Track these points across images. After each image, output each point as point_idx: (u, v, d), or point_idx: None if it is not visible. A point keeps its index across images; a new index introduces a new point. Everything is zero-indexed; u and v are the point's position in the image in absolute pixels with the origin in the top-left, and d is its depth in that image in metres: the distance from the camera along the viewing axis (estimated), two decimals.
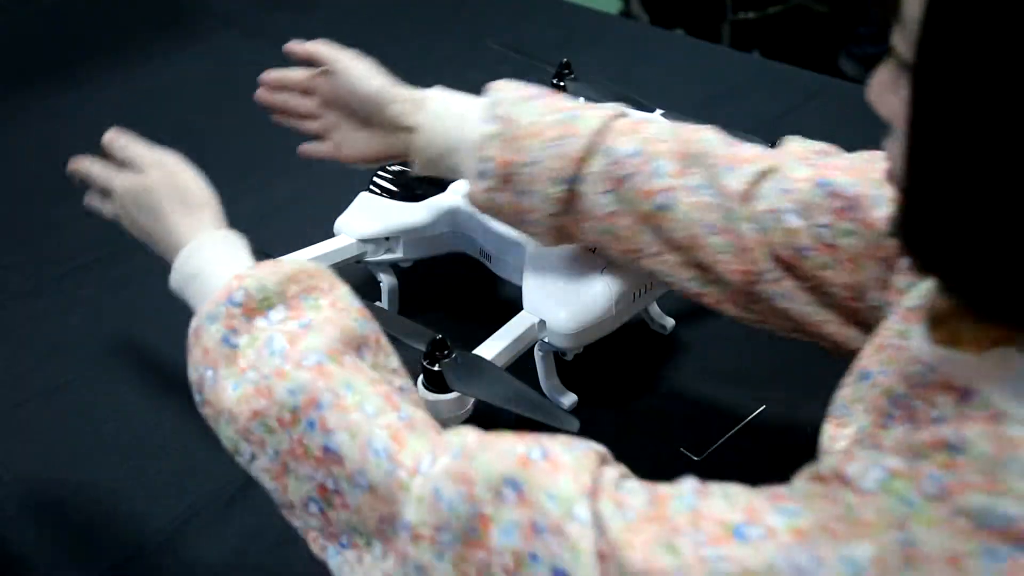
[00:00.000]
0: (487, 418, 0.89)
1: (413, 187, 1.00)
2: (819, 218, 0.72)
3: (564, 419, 0.73)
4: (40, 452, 0.91)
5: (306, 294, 0.65)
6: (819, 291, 0.73)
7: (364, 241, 0.98)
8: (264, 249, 0.91)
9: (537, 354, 0.90)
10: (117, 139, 0.80)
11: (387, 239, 0.98)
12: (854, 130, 1.32)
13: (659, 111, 1.14)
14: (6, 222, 1.22)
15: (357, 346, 0.64)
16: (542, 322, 0.86)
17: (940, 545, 0.43)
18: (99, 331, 1.04)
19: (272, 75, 0.91)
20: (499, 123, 0.80)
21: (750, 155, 0.77)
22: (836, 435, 0.64)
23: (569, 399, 0.92)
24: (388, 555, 0.58)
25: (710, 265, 0.75)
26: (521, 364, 0.86)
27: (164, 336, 1.03)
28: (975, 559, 0.42)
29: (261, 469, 0.64)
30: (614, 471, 0.54)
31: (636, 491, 0.52)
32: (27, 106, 1.44)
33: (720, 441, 0.88)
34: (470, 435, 0.58)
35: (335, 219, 0.99)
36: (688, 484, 0.52)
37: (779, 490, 0.50)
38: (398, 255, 0.99)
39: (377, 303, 1.01)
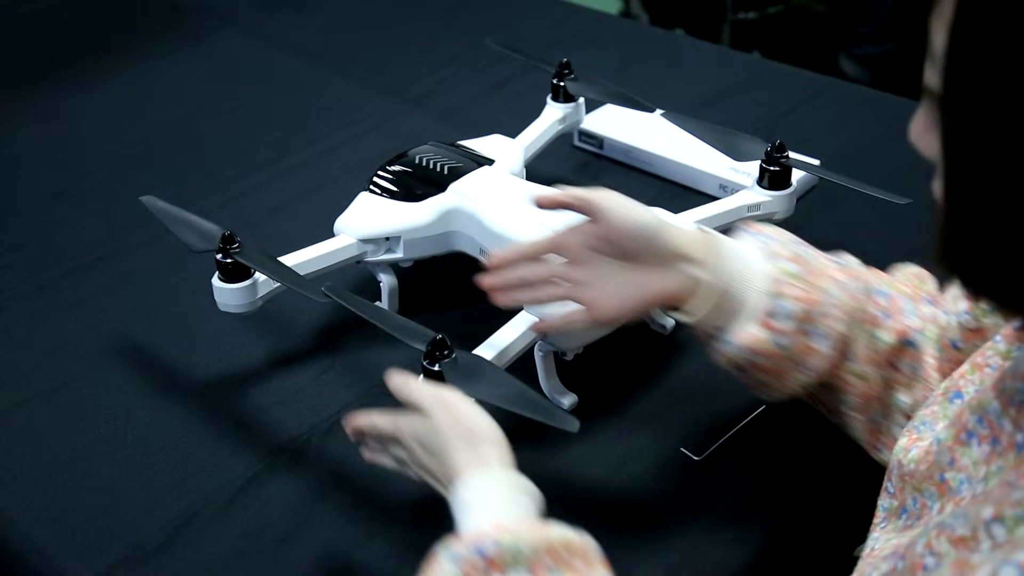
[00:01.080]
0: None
1: (413, 187, 1.00)
2: None
3: (564, 419, 0.73)
4: (40, 452, 0.91)
5: (556, 569, 0.61)
6: None
7: (364, 241, 0.98)
8: (264, 249, 0.91)
9: (537, 354, 0.90)
10: (396, 382, 0.75)
11: (387, 239, 0.98)
12: (854, 130, 1.33)
13: (659, 111, 1.14)
14: (6, 222, 1.22)
15: None
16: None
17: None
18: (99, 331, 1.04)
19: (502, 254, 0.81)
20: (796, 262, 0.74)
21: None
22: (909, 446, 0.64)
23: (569, 399, 0.92)
24: None
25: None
26: (521, 364, 0.86)
27: (164, 336, 1.03)
28: None
29: None
30: None
31: None
32: (27, 106, 1.44)
33: (720, 441, 0.88)
34: None
35: (335, 219, 0.99)
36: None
37: None
38: (398, 255, 0.99)
39: (377, 303, 1.01)
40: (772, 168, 0.99)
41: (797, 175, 1.03)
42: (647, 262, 0.75)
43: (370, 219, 0.98)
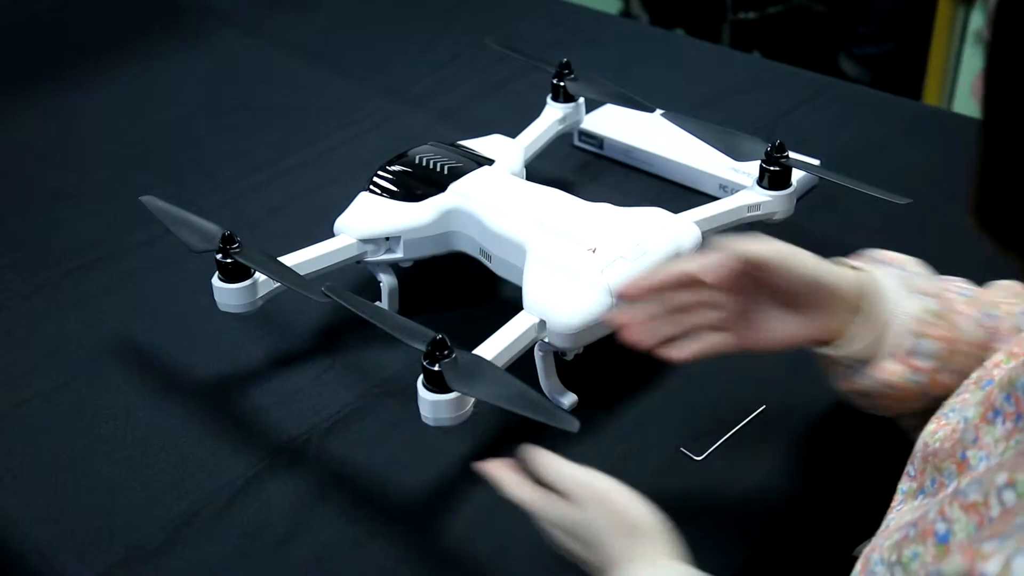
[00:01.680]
0: (487, 418, 0.90)
1: (413, 187, 1.00)
2: None
3: (564, 419, 0.73)
4: (40, 452, 0.91)
5: None
6: None
7: (364, 241, 0.98)
8: (264, 249, 0.91)
9: (537, 354, 0.90)
10: (541, 461, 0.72)
11: (387, 239, 0.98)
12: (854, 130, 1.32)
13: (659, 111, 1.14)
14: (6, 222, 1.22)
15: None
16: (542, 322, 0.86)
17: None
18: (99, 331, 1.04)
19: (657, 278, 0.77)
20: (937, 299, 0.75)
21: None
22: (936, 429, 0.64)
23: (569, 399, 0.92)
24: None
25: None
26: (521, 364, 0.86)
27: (164, 336, 1.03)
28: None
29: None
30: None
31: None
32: (27, 106, 1.44)
33: (720, 441, 0.88)
34: None
35: (335, 219, 0.99)
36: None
37: None
38: (398, 255, 0.99)
39: (377, 303, 1.01)
40: (772, 168, 0.99)
41: (797, 175, 1.03)
42: (804, 305, 0.75)
43: (370, 219, 0.98)
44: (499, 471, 0.73)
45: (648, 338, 0.78)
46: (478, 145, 1.09)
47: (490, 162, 1.04)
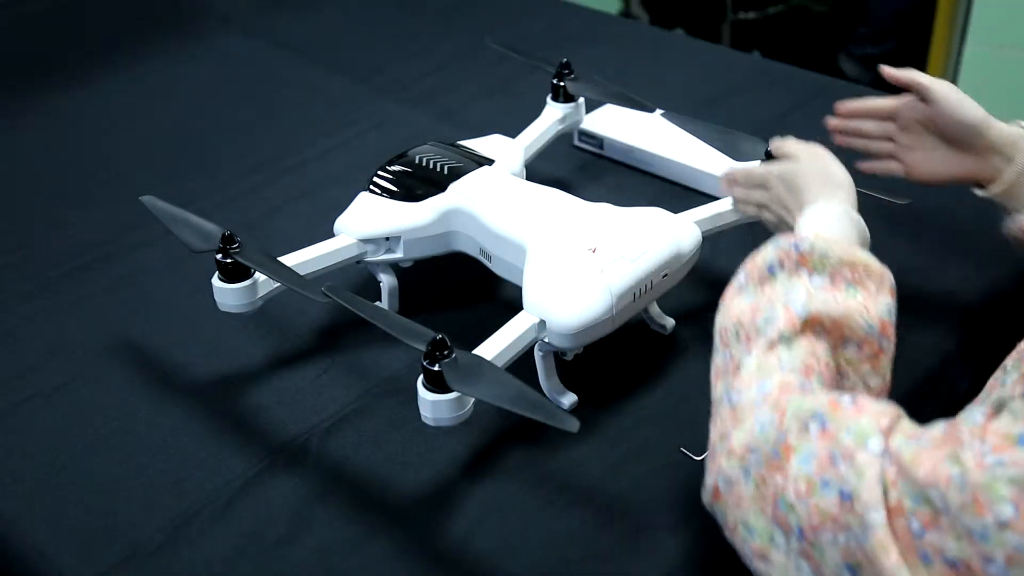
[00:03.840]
0: (487, 418, 0.90)
1: (413, 187, 1.00)
2: None
3: (564, 419, 0.73)
4: (40, 452, 0.91)
5: (852, 284, 0.71)
6: None
7: (364, 241, 0.98)
8: (264, 249, 0.91)
9: (537, 354, 0.90)
10: (775, 143, 0.92)
11: (387, 239, 0.98)
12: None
13: (659, 111, 1.15)
14: (6, 222, 1.22)
15: (844, 337, 0.70)
16: (542, 322, 0.86)
17: None
18: (99, 331, 1.04)
19: (852, 105, 0.99)
20: None
21: None
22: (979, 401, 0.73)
23: (569, 399, 0.92)
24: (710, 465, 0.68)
25: None
26: (521, 364, 0.86)
27: (164, 336, 1.03)
28: None
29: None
30: (912, 423, 0.60)
31: (934, 427, 0.58)
32: (27, 106, 1.45)
33: None
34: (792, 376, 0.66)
35: (335, 219, 0.99)
36: (979, 409, 0.60)
37: None
38: (398, 255, 0.99)
39: (377, 303, 1.01)
40: None
41: None
42: (965, 149, 0.90)
43: (370, 219, 0.98)
44: (736, 169, 0.94)
45: (847, 143, 0.99)
46: (478, 145, 1.09)
47: (490, 162, 1.04)
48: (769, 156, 0.99)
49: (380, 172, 1.02)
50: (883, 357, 0.71)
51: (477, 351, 0.82)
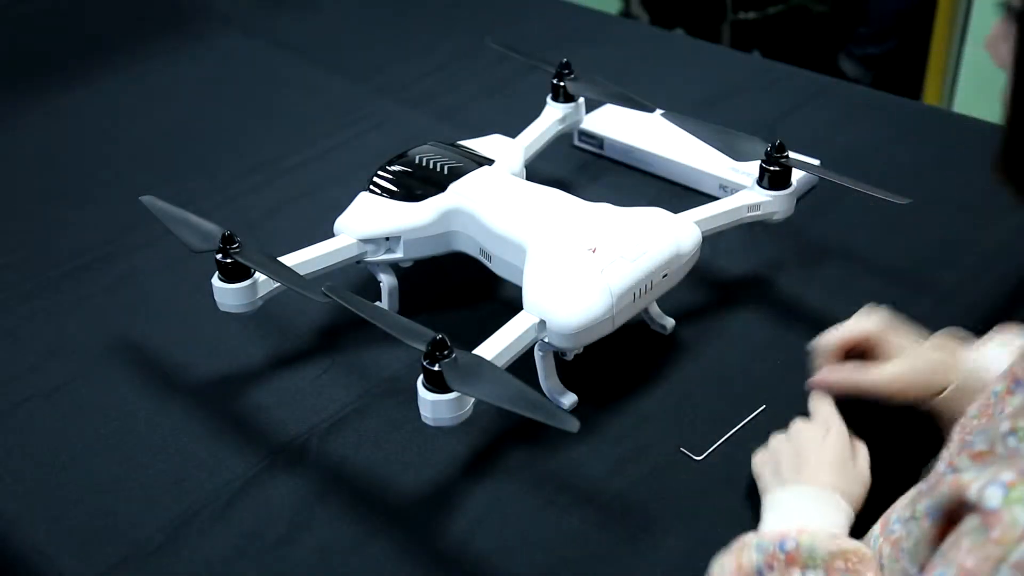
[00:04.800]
0: (487, 418, 0.90)
1: (413, 187, 1.00)
2: None
3: (564, 419, 0.73)
4: (40, 452, 0.91)
5: (849, 574, 0.67)
6: None
7: (364, 241, 0.98)
8: (264, 249, 0.91)
9: (537, 354, 0.90)
10: (815, 401, 0.85)
11: (387, 239, 0.98)
12: (854, 130, 1.32)
13: (659, 111, 1.14)
14: (6, 222, 1.22)
15: None
16: (542, 322, 0.86)
17: None
18: (99, 331, 1.04)
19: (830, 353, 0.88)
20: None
21: None
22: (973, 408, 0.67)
23: (569, 399, 0.92)
24: None
25: None
26: (521, 364, 0.86)
27: (164, 336, 1.03)
28: None
29: None
30: None
31: None
32: (27, 106, 1.44)
33: (720, 441, 0.88)
34: None
35: (335, 219, 0.99)
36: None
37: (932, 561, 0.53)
38: (398, 255, 0.99)
39: (377, 303, 1.01)
40: (772, 168, 0.99)
41: (797, 175, 1.03)
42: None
43: (370, 219, 0.98)
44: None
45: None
46: (478, 145, 1.09)
47: (490, 162, 1.04)
48: (769, 156, 0.99)
49: (380, 172, 1.02)
50: None
51: (477, 351, 0.82)
